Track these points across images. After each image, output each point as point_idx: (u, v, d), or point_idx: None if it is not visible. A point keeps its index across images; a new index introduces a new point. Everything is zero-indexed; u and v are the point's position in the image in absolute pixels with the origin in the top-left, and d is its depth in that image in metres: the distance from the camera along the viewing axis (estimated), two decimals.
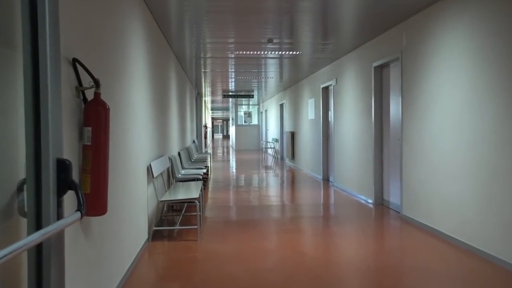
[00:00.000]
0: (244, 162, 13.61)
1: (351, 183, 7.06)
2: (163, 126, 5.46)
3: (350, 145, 7.10)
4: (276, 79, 10.97)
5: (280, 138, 14.71)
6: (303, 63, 8.29)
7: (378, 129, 6.09)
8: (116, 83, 2.96)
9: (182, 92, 8.57)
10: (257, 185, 8.20)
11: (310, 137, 10.10)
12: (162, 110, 5.39)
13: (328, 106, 8.86)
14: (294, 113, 12.13)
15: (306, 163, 10.49)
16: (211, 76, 10.27)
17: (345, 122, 7.36)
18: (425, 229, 4.66)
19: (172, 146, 6.40)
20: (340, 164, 7.66)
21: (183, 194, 4.60)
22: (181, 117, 8.16)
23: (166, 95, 5.88)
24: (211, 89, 13.43)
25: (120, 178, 3.03)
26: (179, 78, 7.97)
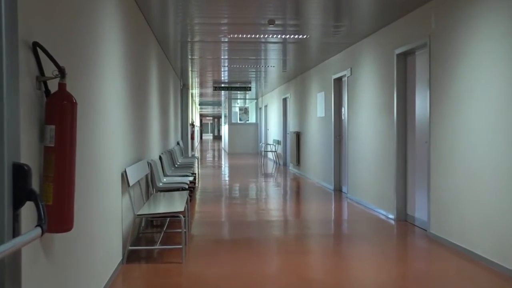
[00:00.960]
0: (239, 168, 13.63)
1: (369, 194, 7.08)
2: (142, 125, 5.47)
3: (368, 149, 7.12)
4: (278, 69, 11.01)
5: (283, 139, 14.75)
6: (311, 49, 8.32)
7: (401, 129, 6.12)
8: (85, 73, 2.96)
9: (165, 83, 8.59)
10: (254, 197, 8.20)
11: (319, 139, 10.12)
12: (141, 105, 5.40)
13: (341, 102, 8.88)
14: (300, 109, 12.16)
15: (314, 170, 10.51)
16: (199, 64, 10.29)
17: (362, 120, 7.39)
18: (457, 250, 4.67)
19: (152, 149, 6.41)
20: (355, 171, 7.68)
21: (165, 206, 4.61)
22: (163, 113, 8.18)
23: (146, 87, 5.88)
24: (200, 80, 13.46)
25: (89, 187, 3.03)
26: (161, 66, 7.99)
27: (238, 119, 22.41)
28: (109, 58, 3.71)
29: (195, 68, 10.77)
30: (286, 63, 10.03)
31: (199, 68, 10.81)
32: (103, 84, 3.47)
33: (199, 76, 12.56)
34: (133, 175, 4.46)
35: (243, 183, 10.06)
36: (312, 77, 10.76)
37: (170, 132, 9.56)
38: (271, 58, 9.33)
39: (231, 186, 9.58)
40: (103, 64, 3.50)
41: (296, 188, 9.43)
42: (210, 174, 12.16)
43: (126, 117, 4.42)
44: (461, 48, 4.63)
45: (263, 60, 9.62)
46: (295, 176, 11.52)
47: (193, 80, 13.55)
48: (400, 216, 6.12)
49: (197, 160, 11.98)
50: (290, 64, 10.24)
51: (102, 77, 3.46)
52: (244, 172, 12.69)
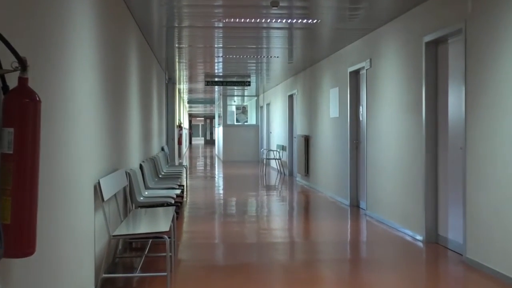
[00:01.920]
0: (235, 180, 13.63)
1: (392, 211, 7.07)
2: (119, 127, 5.48)
3: (391, 156, 7.12)
4: (283, 60, 11.03)
5: (289, 145, 14.77)
6: (323, 37, 8.34)
7: (431, 132, 6.12)
8: (50, 65, 2.96)
9: (147, 77, 8.61)
10: (254, 213, 8.20)
11: (332, 144, 10.12)
12: (118, 103, 5.42)
13: (358, 99, 8.89)
14: (309, 108, 12.17)
15: (327, 181, 10.50)
16: (188, 55, 10.32)
17: (384, 122, 7.39)
18: (500, 279, 4.66)
19: (131, 156, 6.42)
20: (376, 183, 7.68)
21: (147, 225, 4.61)
22: (145, 113, 8.19)
23: (124, 82, 5.90)
24: (189, 73, 13.49)
25: (55, 202, 3.02)
26: (143, 57, 8.02)
27: (234, 120, 22.43)
28: (80, 47, 3.71)
29: (183, 59, 10.79)
30: (293, 53, 10.05)
31: (188, 59, 10.82)
32: (72, 78, 3.47)
33: (188, 69, 12.58)
34: (108, 187, 4.47)
35: (241, 197, 10.05)
36: (323, 70, 10.78)
37: (153, 136, 9.57)
38: (274, 47, 9.35)
39: (226, 201, 9.57)
40: (73, 54, 3.50)
41: (304, 203, 9.42)
42: (201, 186, 12.15)
43: (100, 118, 4.43)
44: (503, 35, 4.63)
45: (265, 49, 9.63)
46: (303, 189, 11.51)
47: (180, 74, 13.57)
48: (430, 237, 6.11)
49: (186, 170, 11.98)
50: (297, 55, 10.26)
51: (72, 70, 3.46)
52: (242, 183, 12.68)
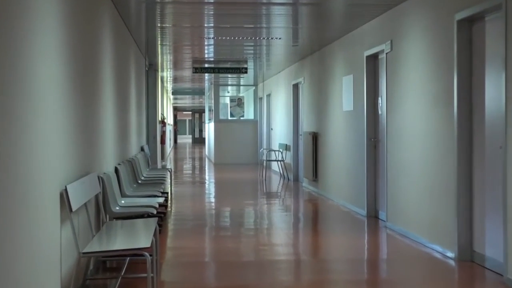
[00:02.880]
0: (230, 185, 13.63)
1: (418, 223, 7.05)
2: (90, 123, 5.48)
3: (416, 157, 7.10)
4: (286, 42, 11.01)
5: (293, 144, 14.77)
6: (334, 14, 8.32)
7: (464, 129, 6.10)
8: (1, 47, 2.93)
9: (123, 64, 8.59)
10: (252, 226, 8.20)
11: (345, 143, 10.11)
12: (88, 95, 5.41)
13: (376, 89, 8.88)
14: (317, 100, 12.16)
15: (339, 187, 10.49)
16: (173, 36, 10.30)
17: (407, 116, 7.37)
18: None
19: (104, 157, 6.41)
20: (398, 189, 7.66)
21: (124, 241, 4.60)
22: (121, 107, 8.18)
23: (95, 69, 5.89)
24: (173, 58, 13.48)
25: (11, 213, 3.00)
26: (118, 39, 7.99)
27: (228, 114, 22.43)
28: (40, 26, 3.67)
29: (166, 41, 10.77)
30: (298, 34, 10.03)
31: (173, 41, 10.80)
32: (32, 64, 3.44)
33: (172, 53, 12.56)
34: (77, 195, 4.46)
35: (236, 207, 10.05)
36: (335, 54, 10.76)
37: (131, 134, 9.56)
38: (276, 26, 9.33)
39: (218, 211, 9.56)
40: (31, 34, 3.46)
41: (312, 213, 9.41)
42: (188, 193, 12.14)
43: (67, 113, 4.42)
44: None
45: (265, 29, 9.61)
46: (311, 197, 11.49)
47: (163, 59, 13.55)
48: (463, 254, 6.09)
49: (170, 174, 11.98)
50: (304, 36, 10.24)
51: (30, 53, 3.43)
52: (238, 190, 12.67)
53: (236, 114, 22.23)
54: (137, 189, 7.83)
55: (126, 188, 7.29)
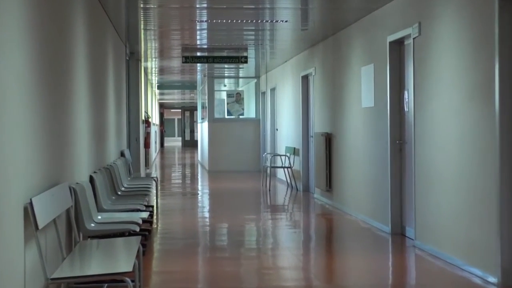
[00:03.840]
0: (227, 197, 13.60)
1: (453, 241, 7.03)
2: (59, 124, 5.47)
3: (451, 162, 7.08)
4: (294, 25, 11.00)
5: (303, 147, 14.75)
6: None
7: (507, 128, 6.07)
8: None
9: (99, 52, 8.58)
10: (254, 246, 8.19)
11: (365, 146, 10.09)
12: (58, 91, 5.40)
13: (402, 81, 8.86)
14: (331, 95, 12.14)
15: (357, 199, 10.47)
16: (158, 19, 10.29)
17: (439, 113, 7.36)
18: None
19: (77, 164, 6.40)
20: (429, 201, 7.63)
21: (101, 264, 4.58)
22: (97, 104, 8.17)
23: (66, 60, 5.88)
24: (159, 45, 13.47)
25: None
26: (94, 24, 7.99)
27: (225, 112, 22.41)
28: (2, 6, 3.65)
29: (151, 24, 10.76)
30: (308, 15, 10.02)
31: (158, 25, 10.79)
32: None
33: (158, 39, 12.55)
34: (44, 210, 4.44)
35: (235, 223, 10.03)
36: (352, 40, 10.75)
37: (109, 136, 9.55)
38: (281, 7, 9.32)
39: (214, 228, 9.55)
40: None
41: (326, 230, 9.39)
42: (178, 207, 12.13)
43: (31, 112, 4.41)
44: None
45: (268, 10, 9.60)
46: (324, 210, 11.46)
47: (148, 47, 13.54)
48: (508, 279, 6.07)
49: (156, 183, 11.96)
50: (315, 18, 10.23)
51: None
52: (237, 203, 12.64)
53: (234, 112, 22.21)
54: (117, 202, 7.81)
55: (103, 200, 7.27)
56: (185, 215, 11.02)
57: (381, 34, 9.30)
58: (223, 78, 23.27)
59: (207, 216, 10.84)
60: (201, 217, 10.72)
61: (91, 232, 5.95)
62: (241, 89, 23.90)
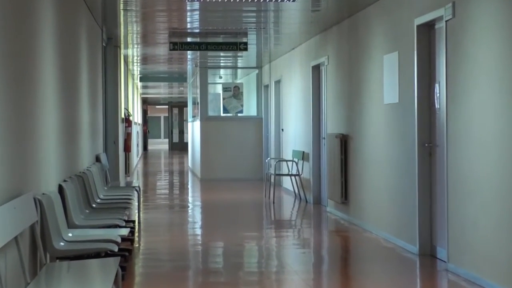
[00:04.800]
0: (223, 211, 13.58)
1: (494, 265, 7.01)
2: (21, 123, 5.45)
3: (491, 169, 7.07)
4: (303, 5, 11.01)
5: (314, 151, 14.73)
6: None
7: None
8: None
9: (70, 36, 8.58)
10: (255, 269, 8.20)
11: (387, 150, 10.07)
12: (18, 83, 5.37)
13: (432, 72, 8.84)
14: (347, 89, 12.13)
15: (379, 213, 10.45)
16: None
17: (478, 110, 7.36)
18: None
19: (43, 171, 6.38)
20: (466, 216, 7.61)
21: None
22: (67, 99, 8.16)
23: (29, 45, 5.86)
24: (142, 28, 13.46)
25: None
26: (63, 3, 7.95)
27: (221, 109, 22.39)
28: None
29: (132, 4, 10.75)
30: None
31: (141, 4, 10.78)
32: None
33: (140, 22, 12.54)
34: (3, 226, 4.43)
35: (232, 242, 10.03)
36: (372, 23, 10.75)
37: (82, 137, 9.54)
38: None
39: (207, 248, 9.55)
40: None
41: (341, 250, 9.38)
42: (164, 222, 12.11)
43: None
44: None
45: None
46: (339, 226, 11.46)
47: (128, 30, 13.52)
48: None
49: (138, 194, 11.93)
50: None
51: None
52: (235, 217, 12.62)
53: (231, 109, 22.18)
54: (91, 217, 7.78)
55: (74, 215, 7.25)
56: (173, 232, 11.00)
57: (407, 16, 9.29)
58: (218, 69, 23.24)
59: (199, 234, 10.83)
60: (192, 235, 10.71)
61: (60, 253, 5.92)
62: (239, 82, 23.90)
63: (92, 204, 8.62)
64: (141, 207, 13.76)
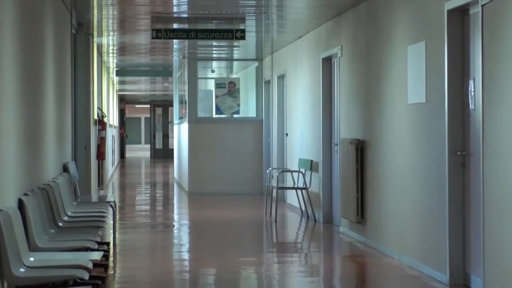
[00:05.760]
0: (216, 231, 13.61)
1: None
2: None
3: None
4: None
5: (324, 160, 14.73)
6: None
7: None
8: None
9: (32, 22, 8.58)
10: None
11: (412, 159, 10.07)
12: None
13: (465, 67, 8.85)
14: (364, 86, 12.14)
15: (402, 235, 10.45)
16: None
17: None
18: None
19: (0, 184, 6.38)
20: (505, 239, 7.61)
21: None
22: (29, 97, 8.16)
23: None
24: (119, 13, 13.51)
25: None
26: None
27: (213, 109, 22.38)
28: None
29: None
30: None
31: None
32: None
33: (117, 4, 12.57)
34: None
35: (227, 268, 10.05)
36: (395, 8, 10.78)
37: (46, 143, 9.55)
38: None
39: (196, 276, 9.57)
40: None
41: (357, 279, 9.41)
42: (144, 244, 12.13)
43: None
44: None
45: None
46: (354, 250, 11.48)
47: (103, 15, 13.53)
48: None
49: (113, 211, 11.92)
50: None
51: None
52: (229, 239, 12.64)
53: (226, 110, 22.15)
54: (57, 238, 7.76)
55: (37, 235, 7.23)
56: (154, 256, 10.99)
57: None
58: (211, 61, 23.23)
59: (186, 259, 10.83)
60: (178, 260, 10.71)
61: (19, 280, 5.89)
62: (236, 77, 23.89)
63: (59, 223, 8.59)
64: (117, 226, 13.76)
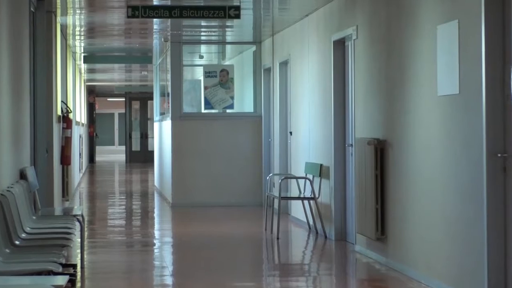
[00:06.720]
0: (206, 251, 13.70)
1: None
2: None
3: None
4: None
5: (336, 164, 14.75)
6: None
7: None
8: None
9: None
10: None
11: (442, 162, 10.08)
12: None
13: (506, 51, 8.84)
14: (384, 74, 12.15)
15: (431, 255, 10.45)
16: None
17: None
18: None
19: None
20: None
21: None
22: None
23: None
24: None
25: None
26: None
27: (202, 103, 22.43)
28: None
29: None
30: None
31: None
32: None
33: None
34: None
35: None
36: None
37: (0, 144, 9.51)
38: None
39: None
40: None
41: None
42: (118, 267, 12.21)
43: None
44: None
45: None
46: (372, 273, 11.55)
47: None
48: None
49: (81, 226, 11.93)
50: None
51: None
52: (222, 261, 12.72)
53: (217, 103, 22.18)
54: (13, 259, 7.79)
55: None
56: (131, 281, 11.06)
57: None
58: (198, 45, 23.27)
59: (170, 284, 10.89)
60: (160, 285, 10.77)
61: None
62: (229, 64, 23.94)
63: (15, 241, 8.61)
64: (86, 245, 13.78)
